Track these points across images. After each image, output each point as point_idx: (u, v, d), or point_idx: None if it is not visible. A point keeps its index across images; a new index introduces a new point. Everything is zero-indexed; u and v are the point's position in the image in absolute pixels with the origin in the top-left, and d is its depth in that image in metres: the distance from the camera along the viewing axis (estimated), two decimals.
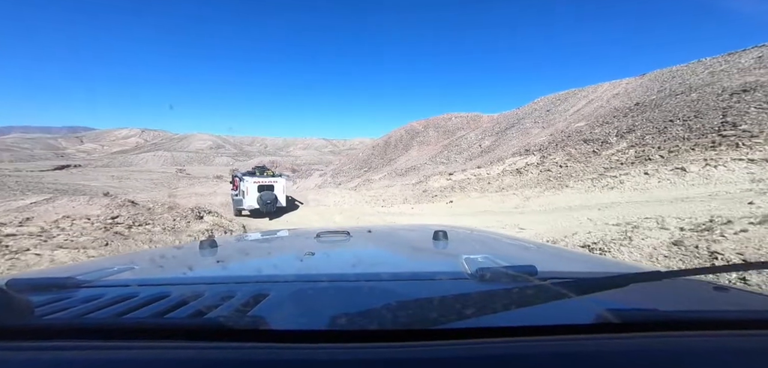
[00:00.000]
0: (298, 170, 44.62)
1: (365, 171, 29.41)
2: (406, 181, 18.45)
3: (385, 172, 25.17)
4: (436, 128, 33.56)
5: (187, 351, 0.41)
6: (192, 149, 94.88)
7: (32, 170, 45.04)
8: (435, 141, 31.40)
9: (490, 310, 0.47)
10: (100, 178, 40.11)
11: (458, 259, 0.90)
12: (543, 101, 27.90)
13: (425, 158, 26.27)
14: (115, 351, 0.42)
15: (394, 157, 30.39)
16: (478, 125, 32.26)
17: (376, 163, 30.62)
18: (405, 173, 22.99)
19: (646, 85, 20.27)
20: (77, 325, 0.47)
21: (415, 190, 15.57)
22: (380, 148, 33.20)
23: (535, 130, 22.39)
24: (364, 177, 26.25)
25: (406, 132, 34.21)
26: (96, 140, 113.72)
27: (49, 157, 69.71)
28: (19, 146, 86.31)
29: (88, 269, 0.92)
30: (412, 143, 32.11)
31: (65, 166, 55.67)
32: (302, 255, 1.09)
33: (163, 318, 0.51)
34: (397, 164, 27.96)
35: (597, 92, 24.29)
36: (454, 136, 31.04)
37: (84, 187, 27.82)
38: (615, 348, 0.42)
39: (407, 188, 16.38)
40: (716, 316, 0.50)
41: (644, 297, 0.62)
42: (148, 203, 10.29)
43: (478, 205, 10.28)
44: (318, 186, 27.97)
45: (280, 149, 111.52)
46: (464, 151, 25.02)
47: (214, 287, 0.66)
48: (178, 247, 1.91)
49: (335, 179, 28.94)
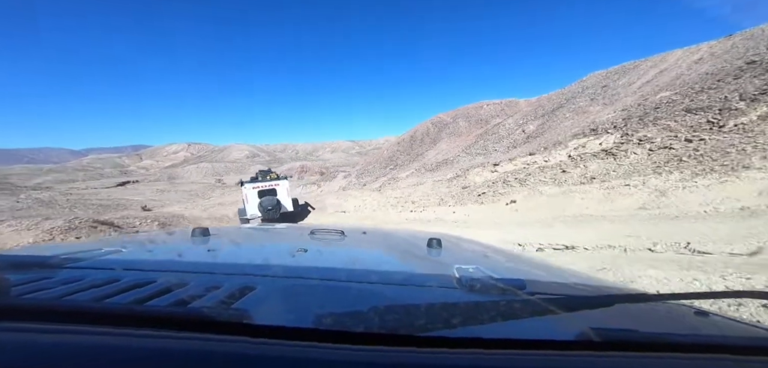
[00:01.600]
0: (326, 173, 42.45)
1: (391, 169, 26.14)
2: (438, 177, 14.87)
3: (412, 169, 21.70)
4: (466, 118, 29.45)
5: (165, 340, 0.39)
6: (230, 159, 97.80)
7: (96, 188, 47.61)
8: (466, 131, 27.34)
9: (476, 321, 0.46)
10: (146, 193, 40.95)
11: (450, 268, 0.85)
12: (595, 77, 22.94)
13: (458, 150, 22.43)
14: (89, 336, 0.39)
15: (421, 152, 26.79)
16: (514, 111, 27.75)
17: (402, 159, 27.22)
18: (435, 168, 19.37)
19: (739, 45, 15.14)
20: (52, 307, 0.45)
21: (452, 187, 11.96)
22: (405, 143, 29.73)
23: (593, 107, 17.78)
24: (390, 175, 22.98)
25: (433, 125, 30.45)
26: (152, 156, 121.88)
27: (115, 175, 74.45)
28: (92, 166, 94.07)
29: (73, 250, 0.85)
30: (440, 136, 28.30)
31: (126, 182, 58.61)
32: (294, 251, 1.04)
33: (143, 306, 0.49)
34: (425, 159, 24.37)
35: (667, 61, 19.27)
36: (488, 124, 26.81)
37: (127, 202, 27.70)
38: (594, 365, 0.41)
39: (441, 185, 12.79)
40: (694, 340, 0.50)
41: (628, 318, 0.61)
42: (128, 219, 8.46)
43: (565, 207, 6.42)
44: (342, 188, 25.13)
45: (309, 154, 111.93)
46: (504, 138, 20.86)
47: (200, 277, 0.64)
48: (170, 233, 1.73)
49: (360, 180, 25.96)
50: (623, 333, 0.48)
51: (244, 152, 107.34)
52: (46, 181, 60.47)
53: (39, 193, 35.75)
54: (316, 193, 25.48)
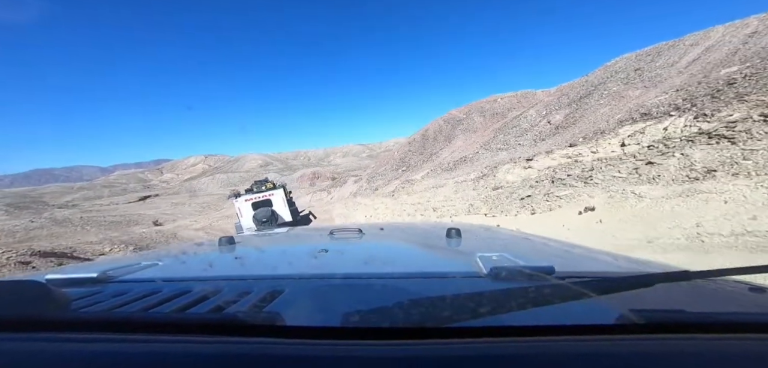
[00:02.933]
0: (337, 178, 40.86)
1: (403, 171, 24.17)
2: (459, 177, 12.81)
3: (426, 169, 19.68)
4: (480, 112, 27.16)
5: (208, 345, 0.40)
6: (245, 169, 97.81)
7: (118, 204, 47.82)
8: (482, 126, 25.07)
9: (505, 309, 0.43)
10: (162, 206, 40.48)
11: (472, 258, 0.81)
12: (623, 61, 20.26)
13: (476, 146, 20.24)
14: (141, 343, 0.42)
15: (435, 151, 24.69)
16: (532, 102, 25.31)
17: (414, 160, 25.19)
18: (453, 167, 17.27)
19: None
20: (107, 318, 0.48)
21: (480, 189, 9.89)
22: (417, 143, 27.69)
23: (631, 91, 15.28)
24: (403, 178, 21.03)
25: (445, 122, 28.29)
26: (172, 170, 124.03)
27: (138, 190, 75.34)
28: (118, 182, 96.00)
29: (117, 265, 0.88)
30: (454, 133, 26.12)
31: (146, 196, 58.92)
32: (316, 252, 1.03)
33: (185, 313, 0.51)
34: (440, 158, 22.28)
35: (711, 38, 16.59)
36: (505, 117, 24.47)
37: (140, 217, 26.93)
38: (637, 350, 0.38)
39: (466, 187, 10.72)
40: (750, 319, 0.45)
41: (671, 298, 0.56)
42: (93, 244, 6.82)
43: (696, 217, 3.99)
44: (352, 194, 23.32)
45: (321, 160, 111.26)
46: (526, 131, 18.55)
47: (232, 283, 0.66)
48: (199, 244, 1.74)
49: (371, 184, 24.11)
50: (668, 315, 0.44)
51: (258, 161, 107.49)
52: (74, 198, 61.58)
53: (61, 211, 35.64)
54: (325, 201, 23.84)
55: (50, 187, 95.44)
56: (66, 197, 63.75)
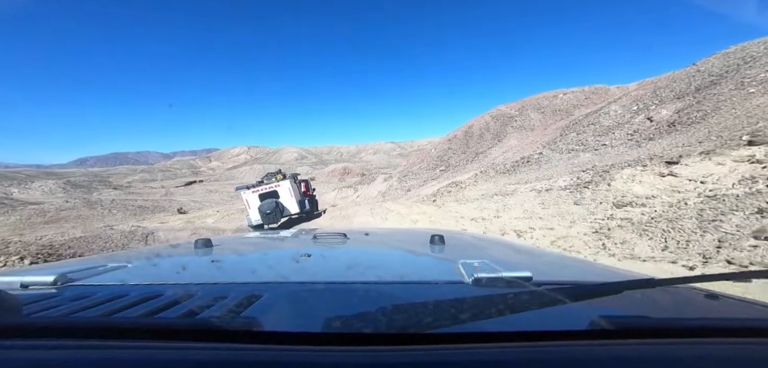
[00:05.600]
0: (366, 174, 37.94)
1: (442, 171, 20.34)
2: (530, 183, 8.84)
3: (474, 170, 15.72)
4: (538, 109, 22.34)
5: (178, 351, 0.38)
6: (282, 161, 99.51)
7: (164, 187, 49.86)
8: (542, 124, 20.36)
9: (485, 315, 0.43)
10: (197, 193, 40.77)
11: (455, 264, 0.80)
12: (762, 45, 14.49)
13: (536, 146, 15.85)
14: (102, 350, 0.38)
15: (482, 150, 20.49)
16: (605, 98, 20.06)
17: (456, 159, 21.22)
18: (512, 169, 13.19)
19: None
20: (64, 324, 0.43)
21: (587, 204, 5.92)
22: (459, 140, 23.57)
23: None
24: (442, 178, 17.25)
25: (492, 119, 23.84)
26: (219, 158, 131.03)
27: (188, 175, 79.30)
28: (173, 168, 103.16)
29: (80, 266, 0.82)
30: (505, 130, 21.66)
31: (191, 182, 61.39)
32: (298, 256, 0.99)
33: (153, 318, 0.47)
34: (490, 158, 18.13)
35: None
36: (572, 115, 19.57)
37: (168, 204, 26.32)
38: (607, 354, 0.39)
39: (561, 199, 6.76)
40: (706, 324, 0.47)
41: (637, 304, 0.58)
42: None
43: None
44: (381, 193, 19.97)
45: (353, 156, 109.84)
46: (612, 129, 13.83)
47: (207, 287, 0.62)
48: (174, 246, 1.59)
49: (403, 183, 20.61)
50: (634, 320, 0.46)
51: (294, 154, 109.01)
52: (133, 180, 66.03)
53: (109, 192, 36.97)
54: (351, 199, 20.86)
55: (119, 169, 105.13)
56: (128, 178, 68.61)
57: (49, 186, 34.34)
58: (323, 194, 23.07)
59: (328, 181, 44.70)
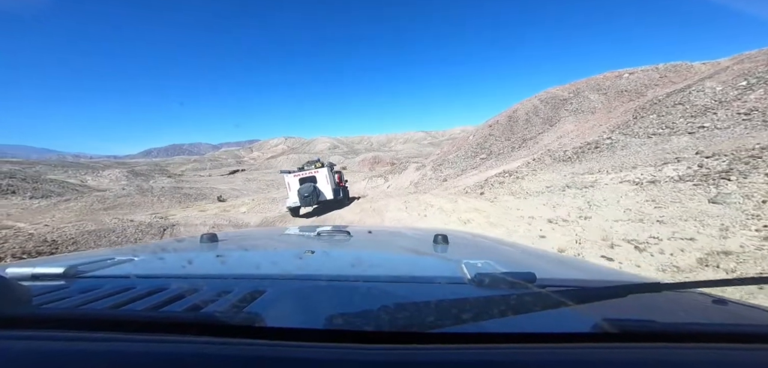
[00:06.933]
0: (397, 164, 36.61)
1: (483, 159, 18.32)
2: (618, 172, 6.89)
3: (524, 157, 13.64)
4: (599, 90, 19.13)
5: (182, 345, 0.38)
6: (315, 151, 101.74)
7: (211, 176, 53.35)
8: (605, 106, 17.33)
9: (487, 316, 0.43)
10: (237, 181, 42.64)
11: (458, 264, 0.78)
12: None
13: (602, 130, 13.25)
14: (109, 342, 0.39)
15: (531, 136, 18.04)
16: (687, 76, 16.40)
17: (499, 146, 18.98)
18: (577, 156, 11.00)
19: None
20: (73, 315, 0.44)
21: (753, 206, 4.01)
22: (501, 126, 21.12)
23: None
24: (485, 166, 15.35)
25: (542, 102, 20.98)
26: (260, 149, 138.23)
27: (232, 165, 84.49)
28: (220, 158, 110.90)
29: (88, 259, 0.82)
30: (558, 114, 18.89)
31: (235, 170, 65.16)
32: (302, 253, 1.00)
33: (158, 311, 0.48)
34: (542, 143, 15.77)
35: None
36: (644, 96, 16.28)
37: (210, 191, 27.48)
38: (611, 358, 0.38)
39: (682, 195, 4.89)
40: (712, 329, 0.46)
41: (643, 308, 0.56)
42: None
43: None
44: (414, 183, 18.56)
45: (383, 145, 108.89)
46: (714, 107, 10.89)
47: (211, 282, 0.63)
48: (179, 240, 1.63)
49: (437, 173, 18.94)
50: (639, 324, 0.44)
51: (327, 144, 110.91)
52: (185, 169, 71.79)
53: (163, 180, 40.01)
54: (382, 189, 19.74)
55: (175, 159, 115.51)
56: (182, 168, 74.83)
57: (115, 175, 38.09)
58: (354, 184, 22.24)
59: (359, 170, 44.13)
